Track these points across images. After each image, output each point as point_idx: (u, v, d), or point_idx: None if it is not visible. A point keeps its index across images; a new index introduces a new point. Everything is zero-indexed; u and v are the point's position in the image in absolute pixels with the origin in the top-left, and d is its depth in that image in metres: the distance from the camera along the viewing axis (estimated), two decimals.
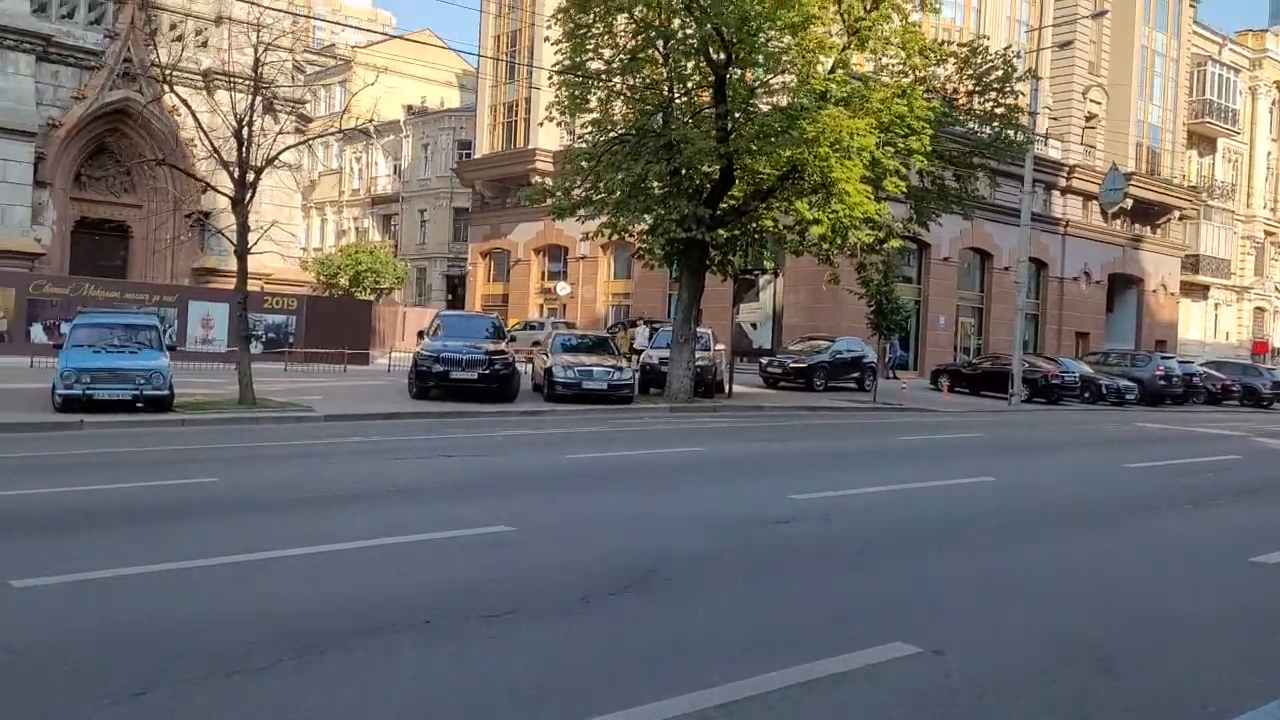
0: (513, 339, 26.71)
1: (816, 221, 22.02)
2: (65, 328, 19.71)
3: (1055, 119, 45.22)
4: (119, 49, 30.22)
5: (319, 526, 8.53)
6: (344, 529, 8.33)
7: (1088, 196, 46.45)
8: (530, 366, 24.42)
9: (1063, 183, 45.46)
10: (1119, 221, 48.64)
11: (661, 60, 22.44)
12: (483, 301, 49.28)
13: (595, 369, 21.94)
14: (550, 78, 24.32)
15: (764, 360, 31.70)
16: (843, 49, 22.76)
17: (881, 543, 8.67)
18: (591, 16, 22.22)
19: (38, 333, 25.50)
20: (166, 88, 22.23)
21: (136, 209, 31.21)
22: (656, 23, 21.95)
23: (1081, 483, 13.53)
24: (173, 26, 32.02)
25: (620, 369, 22.41)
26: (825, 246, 22.98)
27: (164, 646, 5.21)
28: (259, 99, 20.73)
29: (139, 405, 15.99)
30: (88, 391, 15.71)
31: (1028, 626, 6.23)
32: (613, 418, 19.92)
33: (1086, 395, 32.45)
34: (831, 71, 22.72)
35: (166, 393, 16.25)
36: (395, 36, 63.84)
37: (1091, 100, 47.35)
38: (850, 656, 5.37)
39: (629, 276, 43.40)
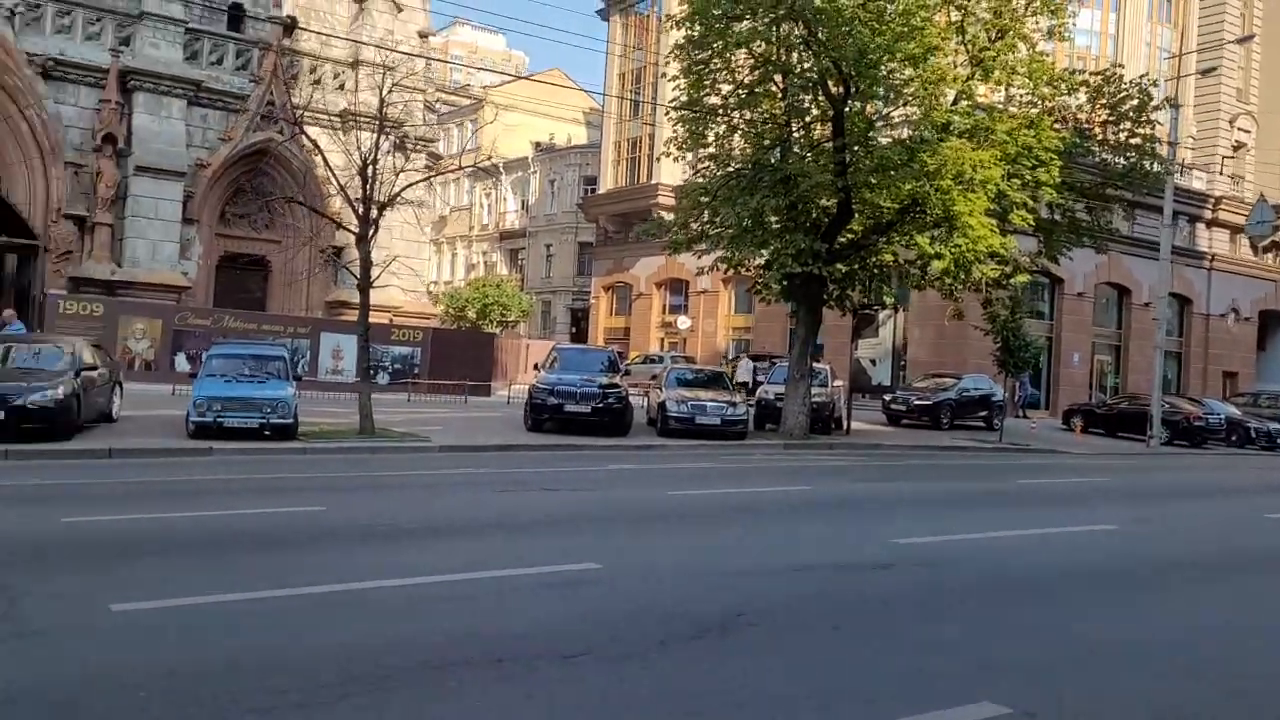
0: (627, 372, 26.82)
1: (938, 256, 21.48)
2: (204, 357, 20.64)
3: (1199, 149, 43.14)
4: (262, 93, 31.81)
5: (413, 558, 8.63)
6: (436, 561, 8.40)
7: (1235, 229, 44.08)
8: (646, 400, 24.44)
9: (1208, 215, 43.28)
10: (1271, 255, 45.94)
11: (780, 95, 22.31)
12: (605, 335, 49.76)
13: (709, 404, 21.79)
14: (667, 113, 24.47)
15: (887, 397, 30.99)
16: (966, 80, 22.23)
17: (984, 593, 8.24)
18: (709, 53, 22.28)
19: (181, 361, 26.83)
20: (302, 128, 23.33)
21: (275, 244, 32.66)
22: (775, 57, 21.87)
23: (1215, 534, 12.67)
24: (312, 70, 33.53)
25: (734, 404, 22.20)
26: (948, 281, 22.37)
27: (243, 676, 5.30)
28: (388, 138, 21.55)
29: (265, 433, 16.60)
30: (218, 419, 16.40)
31: (1130, 697, 5.79)
32: (724, 454, 19.72)
33: (1233, 438, 30.59)
34: (955, 103, 22.20)
35: (291, 421, 16.83)
36: (525, 77, 65.48)
37: (1240, 129, 45.03)
38: (932, 715, 5.08)
39: (749, 311, 43.17)
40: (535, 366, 23.76)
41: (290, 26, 33.03)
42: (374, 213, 18.93)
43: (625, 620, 6.78)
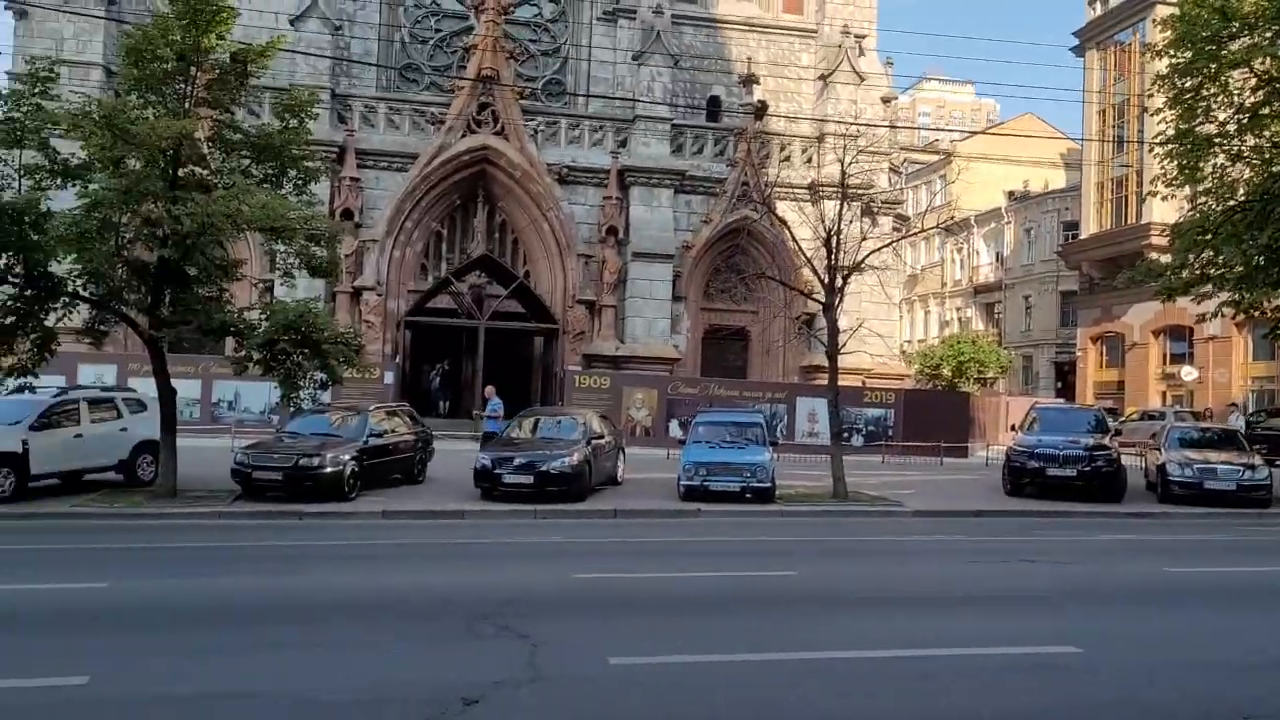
0: (1118, 432, 24.64)
1: None
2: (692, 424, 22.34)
3: None
4: (737, 175, 34.09)
5: (876, 629, 8.67)
6: (899, 634, 8.38)
7: None
8: (1143, 462, 22.29)
9: None
10: None
11: None
12: (1095, 389, 46.05)
13: (1220, 466, 19.34)
14: (1152, 149, 22.46)
15: None
16: None
17: None
18: (1199, 79, 20.18)
19: (674, 428, 29.23)
20: (775, 204, 24.67)
21: (753, 315, 34.57)
22: None
23: None
24: (781, 149, 35.32)
25: (1252, 467, 19.47)
26: None
27: None
28: (851, 205, 22.06)
29: (746, 496, 17.59)
30: (704, 482, 17.68)
31: None
32: (1242, 525, 17.37)
33: None
34: None
35: (769, 485, 17.68)
36: (992, 130, 63.42)
37: None
38: None
39: (1271, 358, 37.69)
40: (1012, 427, 22.68)
41: (760, 111, 35.10)
42: (839, 280, 19.43)
43: (1105, 716, 6.30)
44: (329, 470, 16.29)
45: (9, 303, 15.37)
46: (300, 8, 31.23)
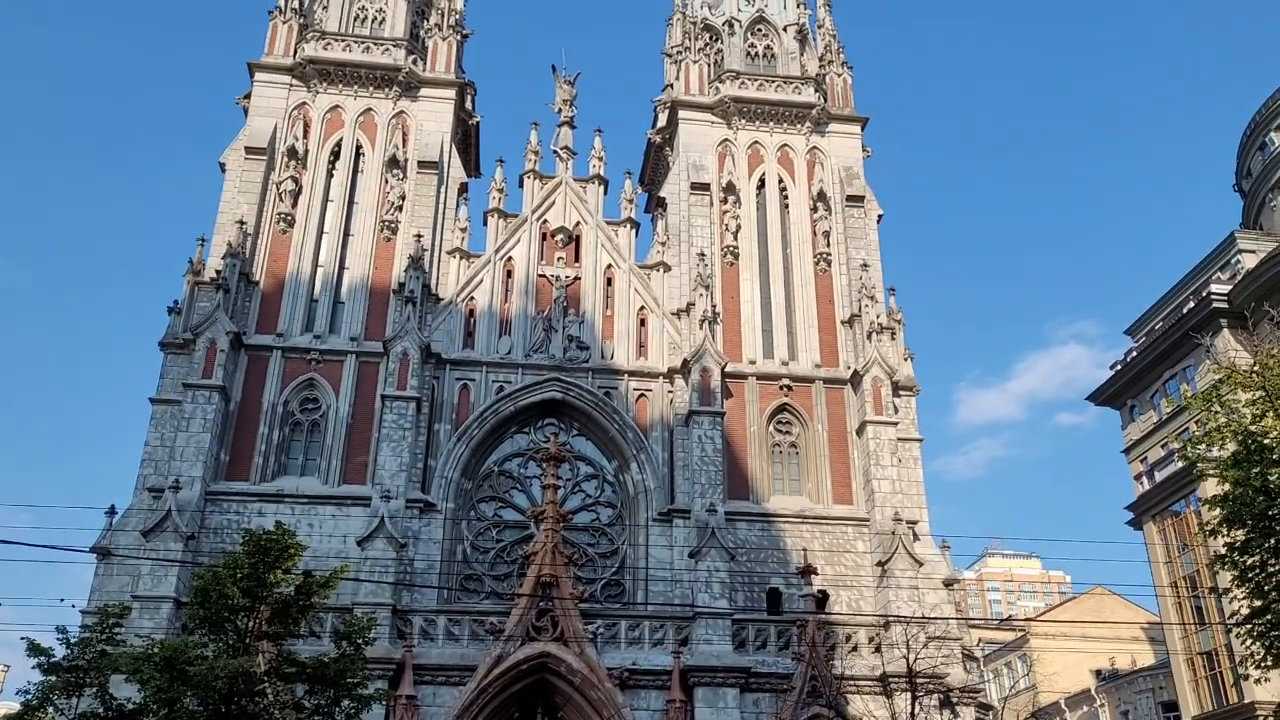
0: None
1: None
2: None
3: None
4: (804, 670, 33.12)
5: None
6: None
7: None
8: None
9: None
10: None
11: None
12: None
13: None
14: (1231, 630, 21.76)
15: None
16: None
17: None
18: (1259, 554, 20.06)
19: None
20: (845, 699, 23.71)
21: None
22: None
23: None
24: (847, 638, 34.66)
25: None
26: None
27: None
28: (925, 701, 21.20)
29: None
30: None
31: None
32: None
33: None
34: None
35: None
36: (1064, 604, 62.35)
37: None
38: None
39: None
40: None
41: (821, 601, 35.04)
42: None
43: None
44: None
45: None
46: (368, 528, 33.05)
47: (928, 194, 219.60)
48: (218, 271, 36.56)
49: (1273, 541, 19.64)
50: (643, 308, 39.93)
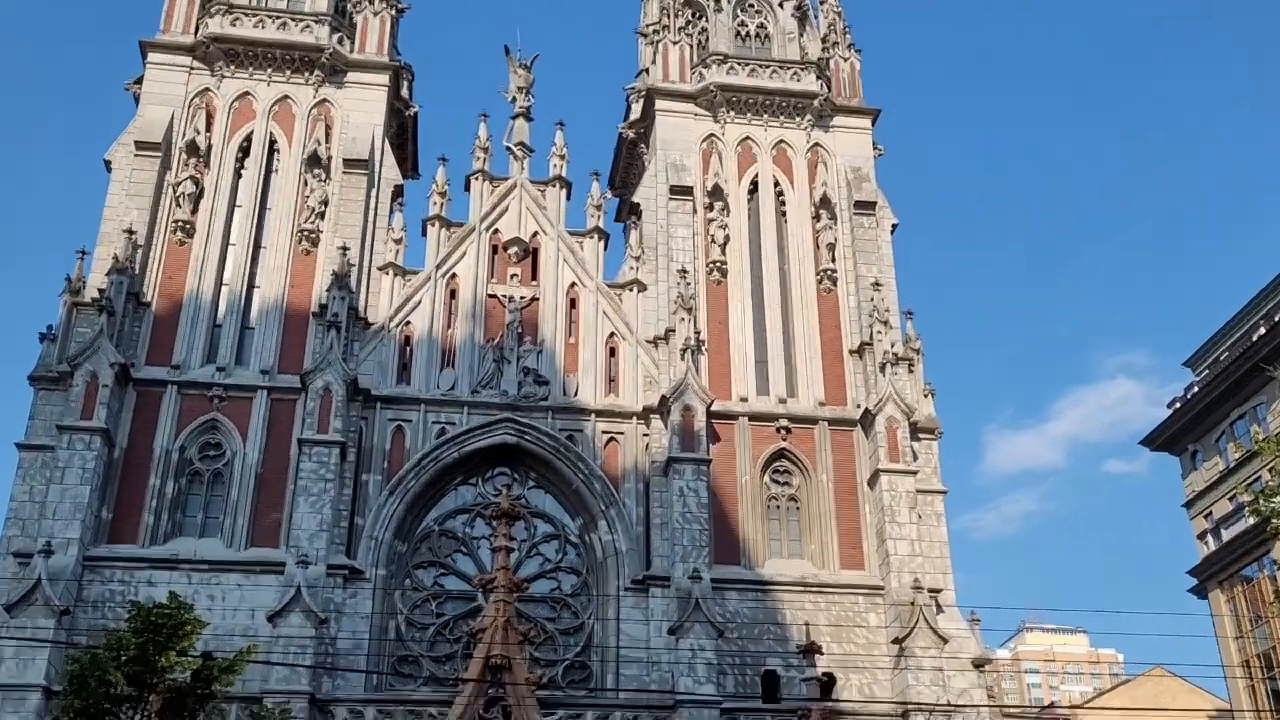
0: None
1: None
2: None
3: None
4: None
5: None
6: None
7: None
8: None
9: None
10: None
11: None
12: None
13: None
14: None
15: None
16: None
17: None
18: None
19: None
20: None
21: None
22: None
23: None
24: None
25: None
26: None
27: None
28: None
29: None
30: None
31: None
32: None
33: None
34: None
35: None
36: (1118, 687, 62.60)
37: None
38: None
39: None
40: None
41: (828, 684, 35.01)
42: None
43: None
44: None
45: None
46: (281, 600, 32.71)
47: (950, 201, 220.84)
48: (101, 291, 36.25)
49: None
50: (613, 334, 39.95)
